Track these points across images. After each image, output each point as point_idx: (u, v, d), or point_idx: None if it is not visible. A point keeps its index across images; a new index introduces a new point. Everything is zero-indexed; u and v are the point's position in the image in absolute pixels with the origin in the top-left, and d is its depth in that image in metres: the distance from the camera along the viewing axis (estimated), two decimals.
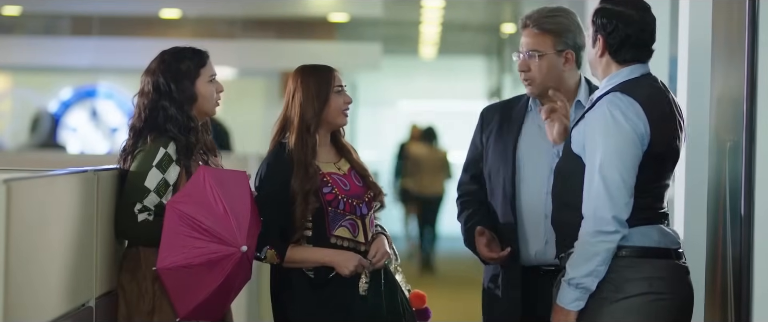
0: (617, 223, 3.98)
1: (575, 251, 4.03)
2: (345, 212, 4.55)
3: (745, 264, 4.32)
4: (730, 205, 4.54)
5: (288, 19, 17.90)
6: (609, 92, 4.11)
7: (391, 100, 22.64)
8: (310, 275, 4.54)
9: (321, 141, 4.61)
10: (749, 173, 4.33)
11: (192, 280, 4.32)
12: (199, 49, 4.58)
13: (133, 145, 4.48)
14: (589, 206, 4.01)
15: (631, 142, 4.02)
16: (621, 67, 4.16)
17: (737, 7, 4.47)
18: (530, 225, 4.51)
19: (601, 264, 3.99)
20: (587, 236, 4.00)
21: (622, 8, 4.14)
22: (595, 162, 4.02)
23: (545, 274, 4.45)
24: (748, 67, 4.34)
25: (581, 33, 4.51)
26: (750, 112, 4.33)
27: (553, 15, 4.53)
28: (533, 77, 4.51)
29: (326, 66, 4.65)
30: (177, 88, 4.49)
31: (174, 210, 4.32)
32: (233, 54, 17.06)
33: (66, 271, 3.99)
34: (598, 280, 4.00)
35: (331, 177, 4.58)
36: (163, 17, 17.68)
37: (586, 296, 4.01)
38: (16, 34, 18.11)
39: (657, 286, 4.05)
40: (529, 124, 4.59)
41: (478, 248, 4.56)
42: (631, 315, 4.02)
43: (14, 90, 19.18)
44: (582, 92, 4.53)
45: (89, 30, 17.72)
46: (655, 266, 4.07)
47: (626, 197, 4.00)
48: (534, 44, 4.50)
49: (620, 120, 4.02)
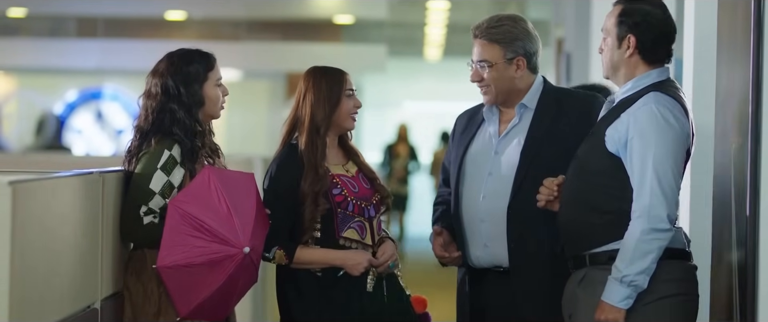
0: (670, 221, 4.02)
1: (626, 249, 4.02)
2: (353, 214, 4.56)
3: (750, 264, 4.31)
4: (736, 205, 4.53)
5: (293, 21, 17.92)
6: (645, 92, 4.11)
7: (396, 102, 22.66)
8: (319, 274, 4.54)
9: (330, 143, 4.62)
10: (755, 173, 4.32)
11: (193, 279, 4.32)
12: (206, 52, 4.58)
13: (137, 148, 4.48)
14: (643, 204, 4.01)
15: (681, 142, 4.06)
16: (649, 68, 4.16)
17: (742, 7, 4.47)
18: (470, 230, 4.58)
19: (653, 262, 4.01)
20: (641, 234, 4.00)
21: (650, 7, 4.15)
22: (647, 161, 4.02)
23: (498, 275, 4.53)
24: (754, 68, 4.33)
25: (530, 38, 4.55)
26: (755, 113, 4.33)
27: (500, 24, 4.56)
28: (486, 86, 4.56)
29: (338, 69, 4.65)
30: (186, 92, 4.48)
31: (176, 209, 4.31)
32: (238, 56, 17.09)
33: (71, 272, 3.99)
34: (649, 278, 4.01)
35: (340, 179, 4.59)
36: (169, 19, 17.70)
37: (636, 294, 4.02)
38: (22, 36, 18.14)
39: (685, 287, 4.10)
40: (481, 131, 4.65)
41: (433, 247, 4.67)
42: (664, 316, 4.05)
43: (20, 92, 19.21)
44: (531, 94, 4.57)
45: (94, 32, 17.76)
46: (683, 268, 4.13)
47: (677, 196, 4.05)
48: (483, 54, 4.56)
49: (671, 119, 4.04)
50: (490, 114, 4.63)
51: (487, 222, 4.51)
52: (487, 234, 4.51)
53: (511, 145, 4.54)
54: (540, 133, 4.49)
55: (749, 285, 4.31)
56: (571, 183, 4.24)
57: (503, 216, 4.47)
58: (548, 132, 4.48)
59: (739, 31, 4.53)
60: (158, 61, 4.54)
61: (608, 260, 4.09)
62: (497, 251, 4.50)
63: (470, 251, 4.58)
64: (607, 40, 4.22)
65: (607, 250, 4.11)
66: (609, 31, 4.21)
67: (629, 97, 4.15)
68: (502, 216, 4.47)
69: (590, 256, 4.15)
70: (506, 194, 4.47)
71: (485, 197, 4.52)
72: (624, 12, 4.16)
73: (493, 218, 4.49)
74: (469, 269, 4.61)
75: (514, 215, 4.45)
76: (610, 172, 4.10)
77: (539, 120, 4.52)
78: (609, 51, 4.22)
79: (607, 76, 4.29)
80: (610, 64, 4.23)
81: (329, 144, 4.62)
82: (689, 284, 4.12)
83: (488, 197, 4.52)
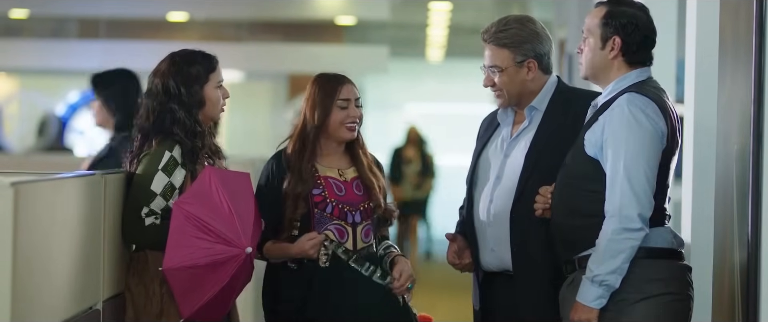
0: (642, 221, 4.01)
1: (598, 249, 4.04)
2: (332, 216, 4.56)
3: (752, 267, 4.31)
4: (738, 207, 4.53)
5: (295, 22, 17.91)
6: (621, 94, 4.11)
7: (398, 104, 22.64)
8: (293, 266, 4.56)
9: (327, 149, 4.63)
10: (756, 175, 4.33)
11: (197, 280, 4.32)
12: (209, 54, 4.58)
13: (139, 148, 4.48)
14: (614, 204, 4.02)
15: (653, 141, 4.04)
16: (630, 70, 4.17)
17: (745, 9, 4.47)
18: (480, 233, 4.56)
19: (625, 262, 4.01)
20: (613, 234, 4.01)
21: (634, 10, 4.17)
22: (619, 161, 4.03)
23: (506, 279, 4.50)
24: (756, 70, 4.33)
25: (539, 39, 4.51)
26: (757, 115, 4.33)
27: (507, 28, 4.51)
28: (499, 91, 4.53)
29: (338, 77, 4.64)
30: (187, 92, 4.49)
31: (181, 210, 4.32)
32: (240, 57, 17.08)
33: (73, 274, 3.99)
34: (621, 278, 4.02)
35: (326, 181, 4.59)
36: (171, 20, 17.70)
37: (609, 293, 4.03)
38: (24, 38, 18.14)
39: (674, 286, 4.09)
40: (496, 134, 4.63)
41: (447, 253, 4.68)
42: (652, 315, 4.04)
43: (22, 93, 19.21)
44: (541, 96, 4.53)
45: (96, 33, 17.76)
46: (672, 267, 4.11)
47: (650, 195, 4.03)
48: (493, 59, 4.52)
49: (642, 119, 4.03)
50: (505, 116, 4.60)
51: (494, 226, 4.49)
52: (493, 238, 4.49)
53: (519, 148, 4.51)
54: (546, 136, 4.46)
55: (751, 286, 4.31)
56: (559, 188, 4.25)
57: (507, 220, 4.45)
58: (554, 135, 4.43)
59: (741, 32, 4.53)
60: (160, 61, 4.55)
61: None
62: (503, 255, 4.47)
63: (480, 255, 4.56)
64: (588, 41, 4.22)
65: (591, 253, 4.11)
66: (592, 32, 4.21)
67: (609, 100, 4.16)
68: (506, 220, 4.45)
69: (578, 259, 4.17)
70: (511, 197, 4.45)
71: (492, 200, 4.50)
72: (610, 14, 4.17)
73: (499, 222, 4.47)
74: (483, 272, 4.59)
75: (517, 219, 4.41)
76: (592, 175, 4.10)
77: (547, 122, 4.49)
78: (590, 51, 4.22)
79: (586, 77, 4.28)
80: (590, 65, 4.24)
81: (330, 150, 4.63)
82: (679, 284, 4.10)
83: (495, 201, 4.49)
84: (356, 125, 4.62)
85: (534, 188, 4.34)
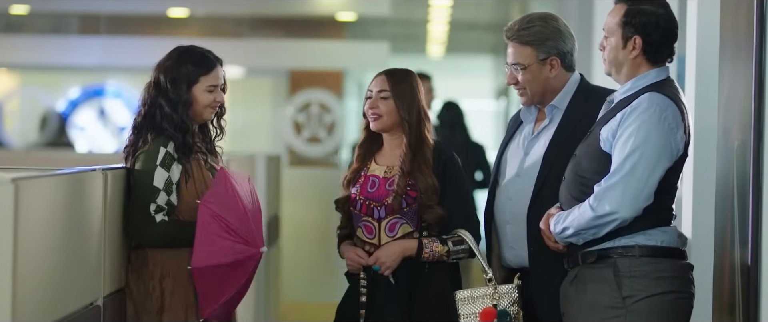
0: (618, 221, 4.03)
1: (575, 215, 4.10)
2: (361, 214, 4.59)
3: (753, 264, 4.31)
4: (738, 205, 4.53)
5: (296, 18, 17.89)
6: (642, 92, 4.11)
7: None
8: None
9: (394, 144, 4.65)
10: (757, 172, 4.32)
11: (219, 279, 4.38)
12: (209, 57, 4.56)
13: (134, 144, 4.51)
14: (607, 190, 4.03)
15: (669, 141, 4.05)
16: (650, 68, 4.16)
17: (745, 6, 4.47)
18: (501, 231, 4.57)
19: (591, 237, 4.09)
20: (591, 215, 4.05)
21: (653, 7, 4.14)
22: (627, 160, 4.03)
23: (526, 275, 4.50)
24: (756, 66, 4.33)
25: (562, 37, 4.51)
26: (758, 111, 4.33)
27: (530, 25, 4.51)
28: (522, 89, 4.53)
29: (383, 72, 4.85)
30: (174, 90, 4.50)
31: (207, 209, 4.35)
32: (241, 53, 17.06)
33: (74, 270, 3.99)
34: (575, 237, 4.11)
35: (366, 177, 4.62)
36: (171, 16, 17.69)
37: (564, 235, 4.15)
38: (24, 33, 18.12)
39: (678, 285, 4.11)
40: (519, 132, 4.64)
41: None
42: (656, 313, 4.06)
43: (22, 89, 19.20)
44: (563, 94, 4.53)
45: (97, 29, 17.74)
46: (676, 266, 4.13)
47: (642, 200, 4.03)
48: (516, 57, 4.52)
49: (661, 123, 4.05)
50: (528, 114, 4.61)
51: (512, 224, 4.50)
52: (512, 236, 4.50)
53: (538, 146, 4.52)
54: (564, 135, 4.45)
55: (752, 284, 4.31)
56: (569, 182, 4.24)
57: (525, 218, 4.45)
58: (573, 133, 4.41)
59: (741, 28, 4.53)
60: (166, 54, 4.58)
61: (598, 259, 4.12)
62: (522, 253, 4.48)
63: (502, 252, 4.57)
64: (609, 40, 4.21)
65: (596, 249, 4.13)
66: (612, 31, 4.20)
67: (627, 97, 4.16)
68: (523, 218, 4.45)
69: (582, 255, 4.17)
70: (528, 195, 4.45)
71: (511, 198, 4.51)
72: (629, 12, 4.15)
73: (517, 220, 4.47)
74: (506, 269, 4.59)
75: (534, 218, 4.38)
76: (603, 172, 4.10)
77: (567, 121, 4.49)
78: (612, 50, 4.21)
79: (609, 73, 4.29)
80: (613, 63, 4.22)
81: (393, 145, 4.64)
82: (682, 282, 4.13)
83: (513, 199, 4.50)
84: (376, 117, 4.63)
85: (552, 186, 4.34)
